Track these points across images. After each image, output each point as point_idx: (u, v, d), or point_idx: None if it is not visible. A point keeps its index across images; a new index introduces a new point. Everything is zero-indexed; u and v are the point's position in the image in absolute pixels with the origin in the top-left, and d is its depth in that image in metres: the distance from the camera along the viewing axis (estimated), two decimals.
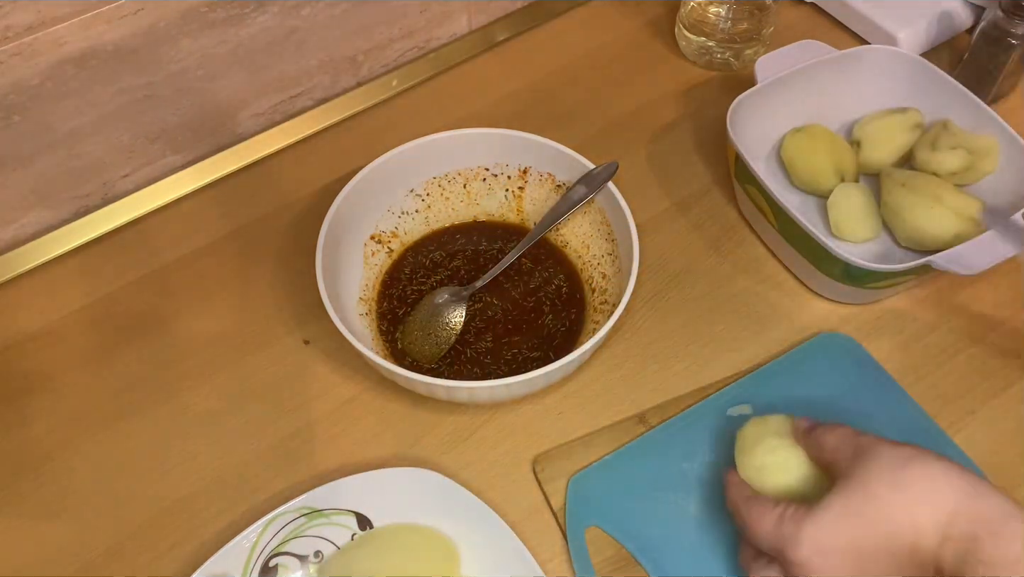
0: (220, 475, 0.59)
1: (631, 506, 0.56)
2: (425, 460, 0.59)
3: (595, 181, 0.64)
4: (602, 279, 0.65)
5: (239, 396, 0.62)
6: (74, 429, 0.61)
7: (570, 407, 0.62)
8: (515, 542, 0.53)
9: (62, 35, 0.61)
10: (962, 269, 0.57)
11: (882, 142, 0.69)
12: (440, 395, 0.57)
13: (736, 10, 0.78)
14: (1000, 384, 0.61)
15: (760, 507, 0.47)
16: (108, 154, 0.70)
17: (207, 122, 0.73)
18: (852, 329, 0.64)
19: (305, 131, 0.77)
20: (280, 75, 0.74)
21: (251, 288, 0.68)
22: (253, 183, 0.74)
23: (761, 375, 0.62)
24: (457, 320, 0.63)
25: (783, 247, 0.66)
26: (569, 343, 0.63)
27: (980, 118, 0.66)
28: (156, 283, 0.68)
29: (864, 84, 0.71)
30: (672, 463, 0.58)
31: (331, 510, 0.55)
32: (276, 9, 0.69)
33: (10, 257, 0.69)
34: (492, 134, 0.66)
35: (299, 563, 0.54)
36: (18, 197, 0.68)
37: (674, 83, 0.80)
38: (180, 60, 0.68)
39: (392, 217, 0.68)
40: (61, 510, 0.58)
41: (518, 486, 0.58)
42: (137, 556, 0.56)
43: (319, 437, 0.61)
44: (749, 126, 0.68)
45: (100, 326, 0.66)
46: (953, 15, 0.79)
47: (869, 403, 0.60)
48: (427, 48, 0.82)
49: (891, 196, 0.65)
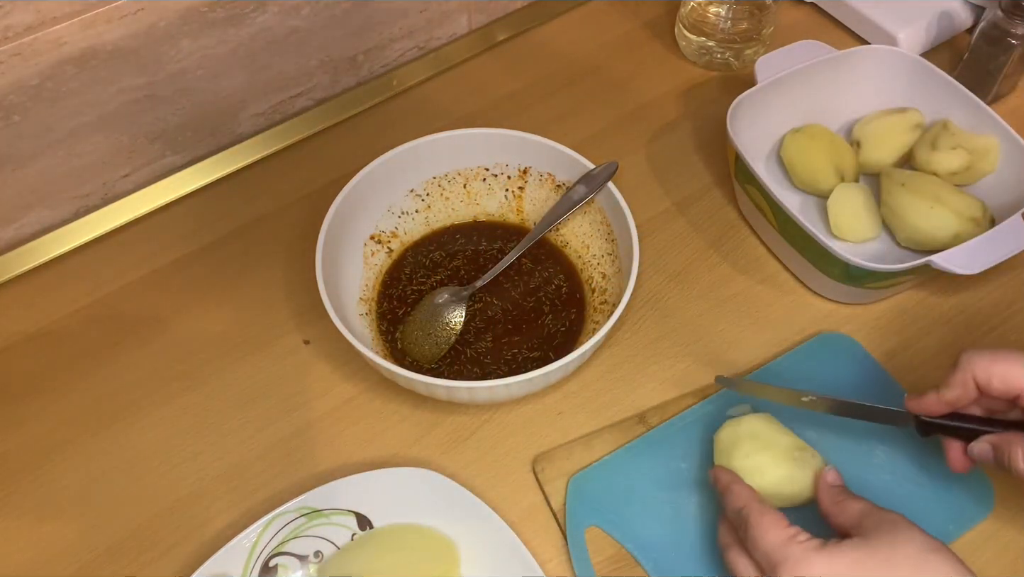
0: (220, 475, 0.59)
1: (631, 506, 0.56)
2: (425, 460, 0.59)
3: (595, 181, 0.64)
4: (602, 279, 0.65)
5: (239, 396, 0.62)
6: (74, 429, 0.61)
7: (570, 407, 0.62)
8: (515, 542, 0.53)
9: (62, 35, 0.61)
10: (962, 269, 0.57)
11: (882, 142, 0.69)
12: (440, 395, 0.57)
13: (736, 10, 0.78)
14: None
15: (772, 518, 0.48)
16: (108, 154, 0.70)
17: (207, 122, 0.73)
18: (852, 329, 0.64)
19: (305, 131, 0.77)
20: (280, 75, 0.74)
21: (251, 288, 0.68)
22: (253, 183, 0.74)
23: (761, 375, 0.62)
24: (457, 320, 0.63)
25: (783, 247, 0.66)
26: (569, 343, 0.63)
27: (980, 118, 0.66)
28: (156, 283, 0.68)
29: (864, 84, 0.71)
30: (672, 463, 0.58)
31: (331, 510, 0.55)
32: (276, 9, 0.69)
33: (10, 257, 0.69)
34: (492, 134, 0.66)
35: (299, 563, 0.54)
36: (18, 197, 0.68)
37: (674, 83, 0.80)
38: (180, 60, 0.68)
39: (392, 217, 0.68)
40: (61, 510, 0.58)
41: (518, 486, 0.58)
42: (137, 556, 0.56)
43: (319, 437, 0.61)
44: (749, 126, 0.68)
45: (100, 326, 0.66)
46: (953, 15, 0.79)
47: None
48: (427, 48, 0.82)
49: (891, 196, 0.65)
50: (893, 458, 0.57)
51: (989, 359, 0.49)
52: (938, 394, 0.51)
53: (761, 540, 0.47)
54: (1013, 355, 0.49)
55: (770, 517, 0.48)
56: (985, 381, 0.49)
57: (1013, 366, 0.48)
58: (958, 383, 0.50)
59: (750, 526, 0.48)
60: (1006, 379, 0.48)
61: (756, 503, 0.49)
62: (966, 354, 0.50)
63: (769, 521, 0.47)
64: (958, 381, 0.50)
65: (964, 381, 0.50)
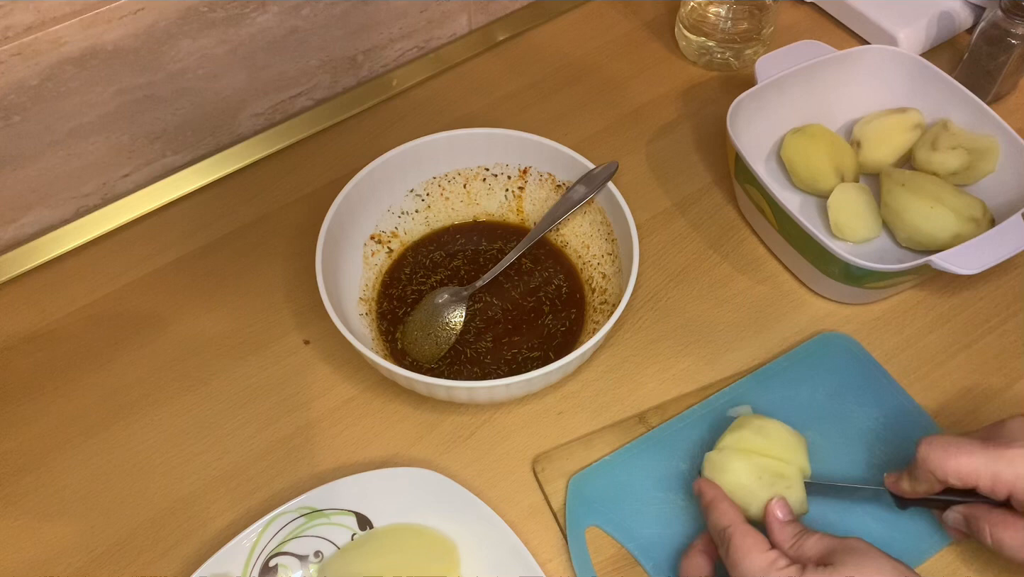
0: (220, 475, 0.59)
1: (631, 506, 0.56)
2: (425, 460, 0.59)
3: (595, 181, 0.64)
4: (602, 279, 0.65)
5: (239, 396, 0.62)
6: (74, 429, 0.61)
7: (570, 407, 0.62)
8: (515, 542, 0.53)
9: (62, 35, 0.61)
10: (962, 269, 0.57)
11: (882, 142, 0.69)
12: (440, 395, 0.57)
13: (736, 10, 0.78)
14: (1000, 384, 0.61)
15: (754, 540, 0.48)
16: (108, 154, 0.70)
17: (207, 122, 0.73)
18: (852, 329, 0.64)
19: (305, 131, 0.77)
20: (280, 75, 0.74)
21: (251, 288, 0.68)
22: (253, 183, 0.74)
23: (761, 375, 0.62)
24: (457, 320, 0.63)
25: (783, 247, 0.66)
26: (569, 343, 0.63)
27: (980, 118, 0.66)
28: (156, 283, 0.68)
29: (864, 84, 0.71)
30: (672, 463, 0.58)
31: (331, 510, 0.55)
32: (276, 9, 0.69)
33: (10, 257, 0.69)
34: (492, 134, 0.66)
35: (299, 563, 0.54)
36: (18, 197, 0.68)
37: (674, 83, 0.80)
38: (180, 60, 0.68)
39: (392, 217, 0.68)
40: (61, 510, 0.58)
41: (518, 486, 0.58)
42: (137, 556, 0.56)
43: (319, 437, 0.61)
44: (749, 126, 0.68)
45: (100, 326, 0.66)
46: (953, 15, 0.79)
47: (869, 403, 0.60)
48: (427, 48, 0.82)
49: (891, 196, 0.65)
50: (894, 459, 0.57)
51: (942, 455, 0.49)
52: (910, 484, 0.51)
53: (741, 562, 0.47)
54: (966, 447, 0.48)
55: (752, 539, 0.48)
56: (943, 477, 0.49)
57: (966, 460, 0.48)
58: (922, 477, 0.50)
59: (732, 547, 0.48)
60: (960, 475, 0.48)
61: (741, 524, 0.49)
62: (923, 447, 0.50)
63: (751, 543, 0.48)
64: (921, 476, 0.50)
65: (926, 476, 0.50)
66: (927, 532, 0.55)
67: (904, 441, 0.58)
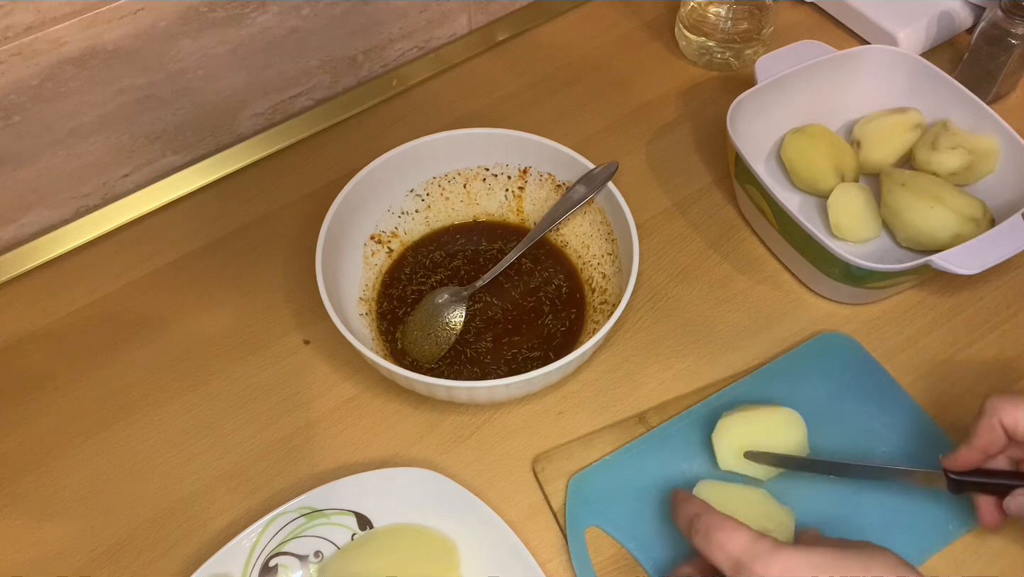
0: (220, 475, 0.59)
1: (631, 506, 0.56)
2: (425, 460, 0.59)
3: (595, 181, 0.64)
4: (602, 279, 0.65)
5: (239, 396, 0.62)
6: (74, 429, 0.61)
7: (570, 407, 0.62)
8: (515, 542, 0.53)
9: (62, 35, 0.61)
10: (962, 269, 0.57)
11: (882, 142, 0.69)
12: (440, 395, 0.57)
13: (736, 10, 0.78)
14: (1000, 384, 0.61)
15: (735, 522, 0.46)
16: (108, 154, 0.70)
17: (207, 122, 0.73)
18: (852, 329, 0.64)
19: (305, 131, 0.77)
20: (280, 75, 0.74)
21: (251, 288, 0.68)
22: (253, 183, 0.74)
23: (761, 375, 0.62)
24: (457, 320, 0.63)
25: (783, 247, 0.66)
26: (569, 343, 0.63)
27: (980, 118, 0.66)
28: (156, 283, 0.68)
29: (864, 84, 0.71)
30: (672, 463, 0.58)
31: (331, 510, 0.55)
32: (276, 9, 0.69)
33: (10, 257, 0.69)
34: (492, 134, 0.66)
35: (299, 563, 0.54)
36: (18, 197, 0.68)
37: (674, 83, 0.80)
38: (180, 60, 0.68)
39: (392, 217, 0.68)
40: (61, 510, 0.58)
41: (518, 486, 0.58)
42: (137, 556, 0.56)
43: (319, 437, 0.61)
44: (749, 126, 0.68)
45: (100, 326, 0.66)
46: (953, 15, 0.79)
47: (869, 403, 0.60)
48: (427, 48, 0.82)
49: (891, 196, 0.65)
50: (893, 458, 0.58)
51: (1013, 403, 0.48)
52: (968, 445, 0.49)
53: (728, 541, 0.45)
54: None
55: (733, 521, 0.46)
56: (1012, 426, 0.47)
57: None
58: (985, 429, 0.48)
59: (713, 529, 0.46)
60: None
61: (715, 511, 0.47)
62: (991, 400, 0.49)
63: (733, 524, 0.46)
64: (985, 427, 0.48)
65: (991, 427, 0.48)
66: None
67: (904, 441, 0.58)
